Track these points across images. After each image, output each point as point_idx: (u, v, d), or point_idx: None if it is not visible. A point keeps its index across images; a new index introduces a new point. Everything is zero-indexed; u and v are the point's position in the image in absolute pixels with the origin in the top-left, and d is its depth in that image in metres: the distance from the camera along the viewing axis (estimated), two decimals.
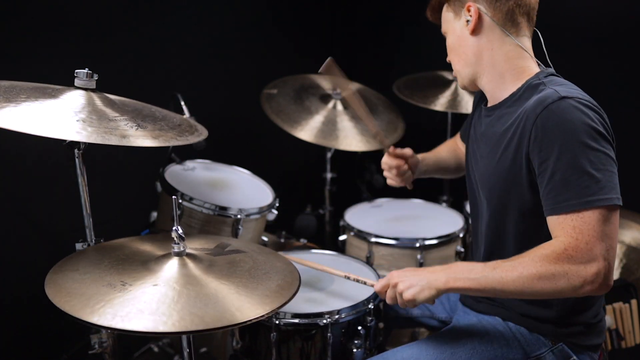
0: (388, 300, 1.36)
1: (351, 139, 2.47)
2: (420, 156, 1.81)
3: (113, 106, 1.39)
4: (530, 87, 1.34)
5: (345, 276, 1.54)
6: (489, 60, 1.39)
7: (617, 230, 1.19)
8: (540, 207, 1.27)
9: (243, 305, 1.17)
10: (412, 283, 1.29)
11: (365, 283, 1.50)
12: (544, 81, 1.33)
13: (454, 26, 1.43)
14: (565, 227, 1.18)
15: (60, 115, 1.27)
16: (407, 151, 1.76)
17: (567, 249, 1.17)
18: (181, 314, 1.10)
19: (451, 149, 1.91)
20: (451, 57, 1.48)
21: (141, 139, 1.30)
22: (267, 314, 1.16)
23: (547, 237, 1.26)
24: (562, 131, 1.19)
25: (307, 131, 2.43)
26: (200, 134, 1.52)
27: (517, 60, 1.38)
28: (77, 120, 1.26)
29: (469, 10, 1.38)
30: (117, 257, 1.32)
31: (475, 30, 1.38)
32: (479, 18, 1.37)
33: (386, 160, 1.76)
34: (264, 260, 1.41)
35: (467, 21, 1.38)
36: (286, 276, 1.35)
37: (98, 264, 1.29)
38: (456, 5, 1.42)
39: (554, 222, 1.22)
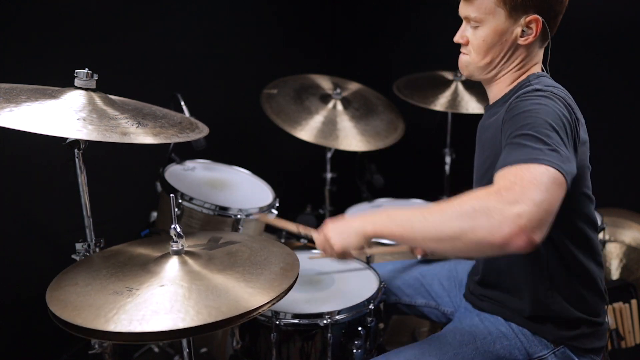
0: (323, 252, 1.35)
1: (351, 138, 2.48)
2: None
3: (113, 105, 1.39)
4: (520, 87, 1.36)
5: (296, 228, 1.55)
6: (519, 65, 1.39)
7: (559, 199, 1.06)
8: None
9: (254, 291, 1.18)
10: (342, 231, 1.28)
11: (307, 235, 1.50)
12: (531, 81, 1.35)
13: (500, 25, 1.34)
14: (507, 175, 1.08)
15: (60, 114, 1.27)
16: None
17: (500, 189, 1.05)
18: (197, 309, 1.10)
19: None
20: (475, 47, 1.39)
21: (142, 136, 1.29)
22: (281, 295, 1.18)
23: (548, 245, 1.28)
24: (526, 109, 1.20)
25: (307, 131, 2.44)
26: (201, 131, 1.51)
27: (534, 67, 1.40)
28: (78, 119, 1.26)
29: (530, 23, 1.32)
30: (114, 265, 1.31)
31: (530, 43, 1.35)
32: (537, 33, 1.33)
33: None
34: (259, 247, 1.42)
35: (523, 31, 1.33)
36: (286, 258, 1.36)
37: (96, 274, 1.27)
38: (514, 7, 1.31)
39: (497, 174, 1.11)
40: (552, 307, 1.37)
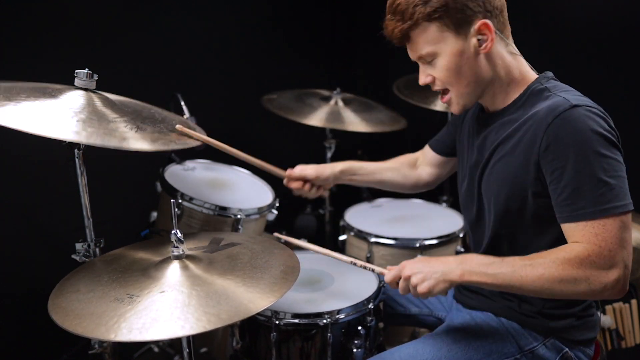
0: (401, 292, 1.33)
1: (357, 124, 2.52)
2: (345, 165, 1.81)
3: (113, 107, 1.39)
4: (533, 93, 1.33)
5: (351, 262, 1.51)
6: (500, 72, 1.34)
7: (631, 234, 1.21)
8: (543, 213, 1.29)
9: (254, 296, 1.18)
10: (425, 276, 1.27)
11: (373, 270, 1.48)
12: (547, 86, 1.32)
13: (454, 47, 1.29)
14: (587, 234, 1.20)
15: (59, 115, 1.27)
16: (307, 173, 1.78)
17: (590, 255, 1.18)
18: (196, 315, 1.10)
19: (397, 165, 1.86)
20: (449, 81, 1.34)
21: (140, 142, 1.30)
22: (280, 297, 1.20)
23: (548, 241, 1.30)
24: (574, 140, 1.20)
25: (314, 119, 2.48)
26: (201, 131, 1.51)
27: (517, 67, 1.36)
28: (77, 121, 1.26)
29: (481, 30, 1.28)
30: (115, 270, 1.31)
31: (491, 48, 1.30)
32: (493, 35, 1.29)
33: (287, 184, 1.81)
34: (260, 249, 1.42)
35: (479, 40, 1.29)
36: (286, 261, 1.36)
37: (98, 280, 1.27)
38: (458, 25, 1.27)
39: (572, 229, 1.23)
40: (540, 302, 1.39)
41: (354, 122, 2.51)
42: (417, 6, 1.27)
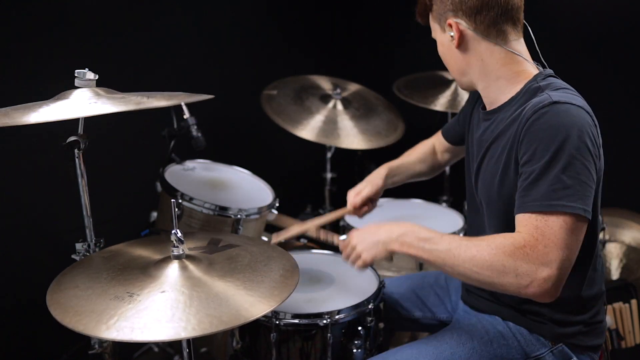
0: (344, 258, 1.43)
1: (352, 137, 2.49)
2: (386, 170, 1.80)
3: (118, 95, 1.39)
4: (529, 91, 1.32)
5: (316, 229, 1.61)
6: (481, 70, 1.37)
7: (579, 243, 1.19)
8: None
9: (255, 300, 1.18)
10: (368, 244, 1.35)
11: (333, 239, 1.57)
12: (541, 85, 1.31)
13: (441, 38, 1.42)
14: (529, 225, 1.18)
15: (73, 104, 1.27)
16: (367, 194, 1.77)
17: (525, 245, 1.16)
18: (198, 317, 1.10)
19: (423, 155, 1.87)
20: (445, 64, 1.47)
21: (156, 101, 1.30)
22: (280, 303, 1.20)
23: None
24: (545, 134, 1.19)
25: (308, 130, 2.45)
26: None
27: (511, 65, 1.36)
28: (90, 104, 1.26)
29: (450, 26, 1.35)
30: (114, 268, 1.31)
31: (461, 45, 1.36)
32: (461, 33, 1.34)
33: (356, 214, 1.81)
34: (259, 251, 1.42)
35: (452, 36, 1.36)
36: (285, 265, 1.36)
37: (97, 277, 1.27)
38: (439, 19, 1.39)
39: (519, 219, 1.22)
40: (549, 307, 1.37)
41: (349, 135, 2.48)
42: None
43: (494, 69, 1.36)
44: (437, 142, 1.87)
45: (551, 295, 1.17)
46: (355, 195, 1.77)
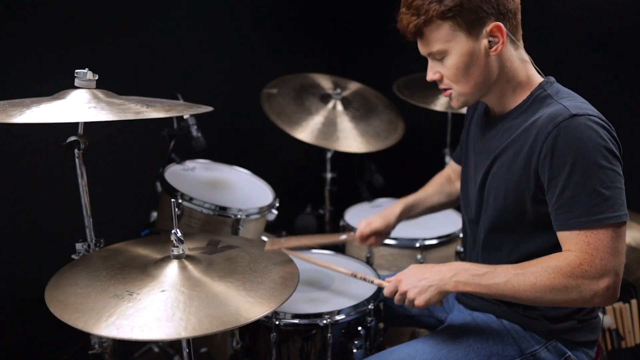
0: (397, 303, 1.38)
1: (352, 140, 2.48)
2: (401, 207, 1.75)
3: (118, 99, 1.39)
4: (537, 99, 1.33)
5: (351, 274, 1.52)
6: (507, 75, 1.34)
7: (625, 243, 1.22)
8: (541, 220, 1.29)
9: (255, 301, 1.18)
10: (421, 289, 1.31)
11: (372, 282, 1.50)
12: (549, 93, 1.32)
13: (464, 47, 1.29)
14: (579, 243, 1.21)
15: (72, 106, 1.27)
16: (376, 226, 1.73)
17: (582, 263, 1.20)
18: (198, 317, 1.10)
19: (439, 187, 1.85)
20: (457, 80, 1.35)
21: (155, 112, 1.29)
22: (280, 305, 1.20)
23: (542, 248, 1.30)
24: (572, 149, 1.20)
25: (307, 132, 2.44)
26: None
27: (525, 71, 1.36)
28: (89, 108, 1.26)
29: (493, 32, 1.28)
30: (113, 266, 1.31)
31: (500, 51, 1.30)
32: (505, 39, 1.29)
33: (361, 244, 1.76)
34: (258, 252, 1.42)
35: (490, 42, 1.29)
36: (285, 267, 1.36)
37: (96, 275, 1.27)
38: (470, 25, 1.27)
39: (565, 237, 1.24)
40: (544, 306, 1.39)
41: (349, 138, 2.47)
42: (432, 3, 1.27)
43: (515, 75, 1.35)
44: (451, 170, 1.86)
45: (614, 298, 1.22)
46: (366, 225, 1.73)
